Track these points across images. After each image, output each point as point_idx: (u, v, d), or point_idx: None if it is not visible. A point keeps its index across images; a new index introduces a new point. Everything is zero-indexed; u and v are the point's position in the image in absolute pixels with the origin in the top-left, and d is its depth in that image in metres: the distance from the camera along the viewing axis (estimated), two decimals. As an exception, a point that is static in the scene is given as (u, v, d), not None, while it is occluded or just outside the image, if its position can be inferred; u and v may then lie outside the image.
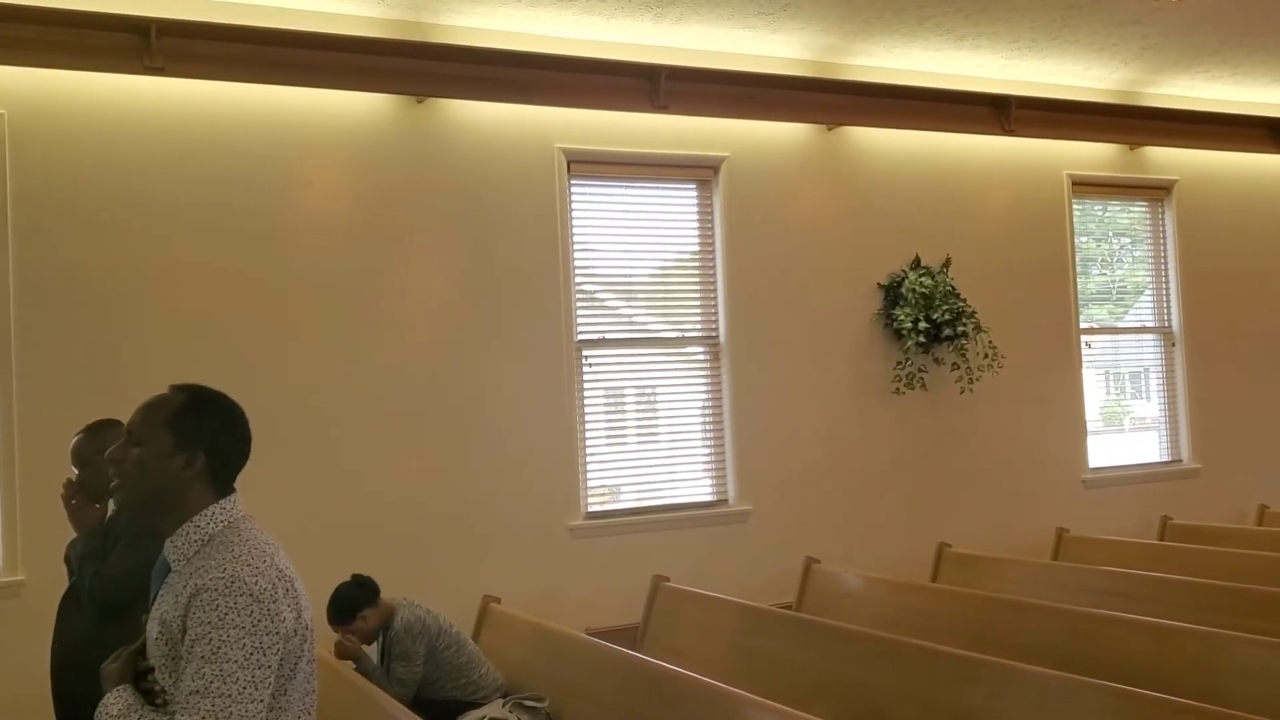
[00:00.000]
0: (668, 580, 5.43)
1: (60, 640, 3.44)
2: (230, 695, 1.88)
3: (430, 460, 5.53)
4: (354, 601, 4.46)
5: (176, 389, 2.16)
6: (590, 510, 5.98)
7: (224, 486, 2.14)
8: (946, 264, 6.86)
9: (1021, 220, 7.21)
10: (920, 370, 6.67)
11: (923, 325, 6.55)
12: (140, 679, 2.04)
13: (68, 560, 3.53)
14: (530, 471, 5.76)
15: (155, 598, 2.11)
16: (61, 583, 3.54)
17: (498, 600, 5.19)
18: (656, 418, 6.34)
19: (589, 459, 6.02)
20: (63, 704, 3.38)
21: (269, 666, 1.95)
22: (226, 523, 2.10)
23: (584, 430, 6.00)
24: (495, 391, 5.71)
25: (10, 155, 4.79)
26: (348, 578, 4.53)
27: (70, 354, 4.85)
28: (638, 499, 6.18)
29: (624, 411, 6.32)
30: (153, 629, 2.03)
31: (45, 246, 4.84)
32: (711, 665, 4.51)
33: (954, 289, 6.75)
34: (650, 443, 6.28)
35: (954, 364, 6.74)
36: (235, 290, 5.18)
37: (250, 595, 1.95)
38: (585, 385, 6.04)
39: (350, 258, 5.43)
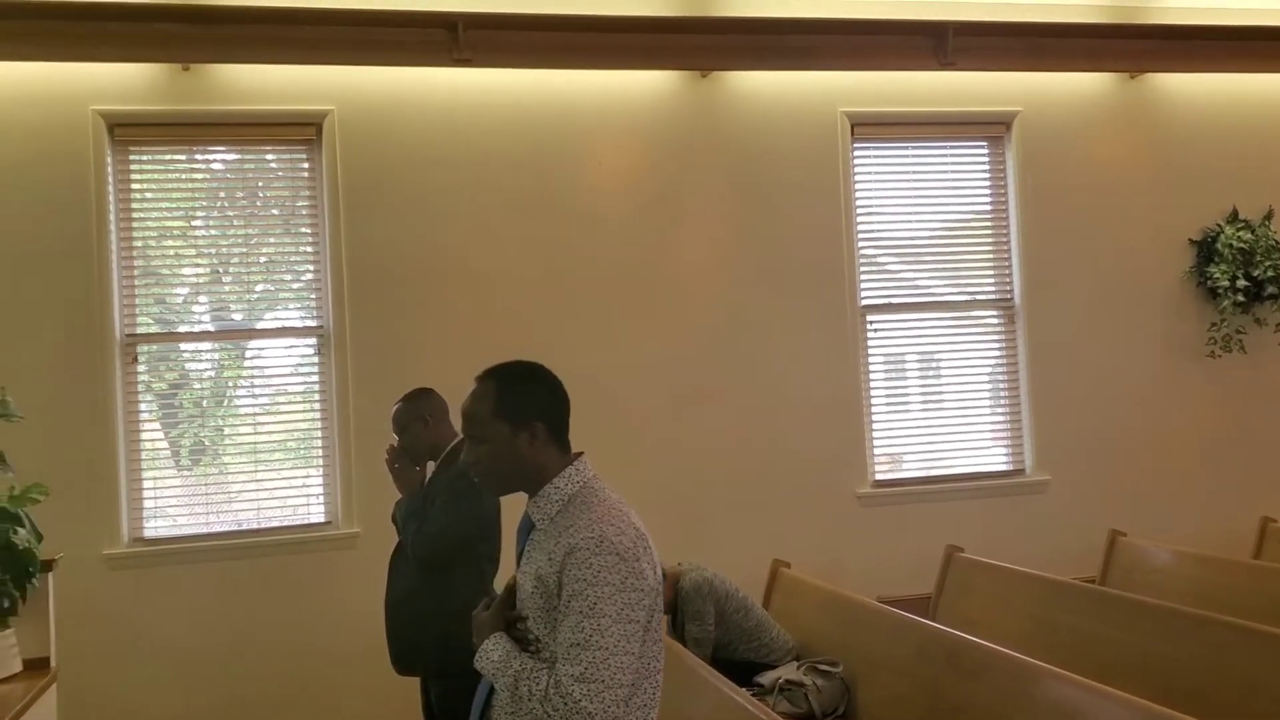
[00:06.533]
0: (961, 551, 5.33)
1: (392, 592, 3.75)
2: (608, 648, 2.04)
3: (715, 426, 5.66)
4: None
5: (484, 379, 2.32)
6: (878, 478, 5.95)
7: (565, 441, 2.30)
8: (1268, 216, 6.32)
9: (1357, 165, 6.52)
10: (1238, 331, 6.20)
11: (1241, 283, 6.10)
12: (509, 626, 2.21)
13: (394, 519, 3.84)
14: (815, 438, 5.79)
15: (521, 553, 2.30)
16: (390, 537, 3.89)
17: (787, 565, 5.26)
18: (942, 384, 6.20)
19: (874, 426, 5.98)
20: (397, 649, 3.70)
21: (638, 621, 2.09)
22: (582, 483, 2.26)
23: (869, 397, 5.96)
24: (779, 358, 5.76)
25: (341, 147, 5.26)
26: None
27: (394, 326, 5.29)
28: (925, 468, 6.08)
29: (908, 378, 6.22)
30: (527, 583, 2.20)
31: (371, 228, 5.29)
32: (1008, 638, 4.39)
33: (1278, 243, 6.22)
34: (936, 409, 6.16)
35: (1278, 325, 6.21)
36: (535, 264, 5.47)
37: (617, 554, 2.09)
38: (869, 351, 5.99)
39: (638, 230, 5.61)
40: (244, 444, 5.32)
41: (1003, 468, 6.14)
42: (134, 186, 5.18)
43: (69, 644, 3.96)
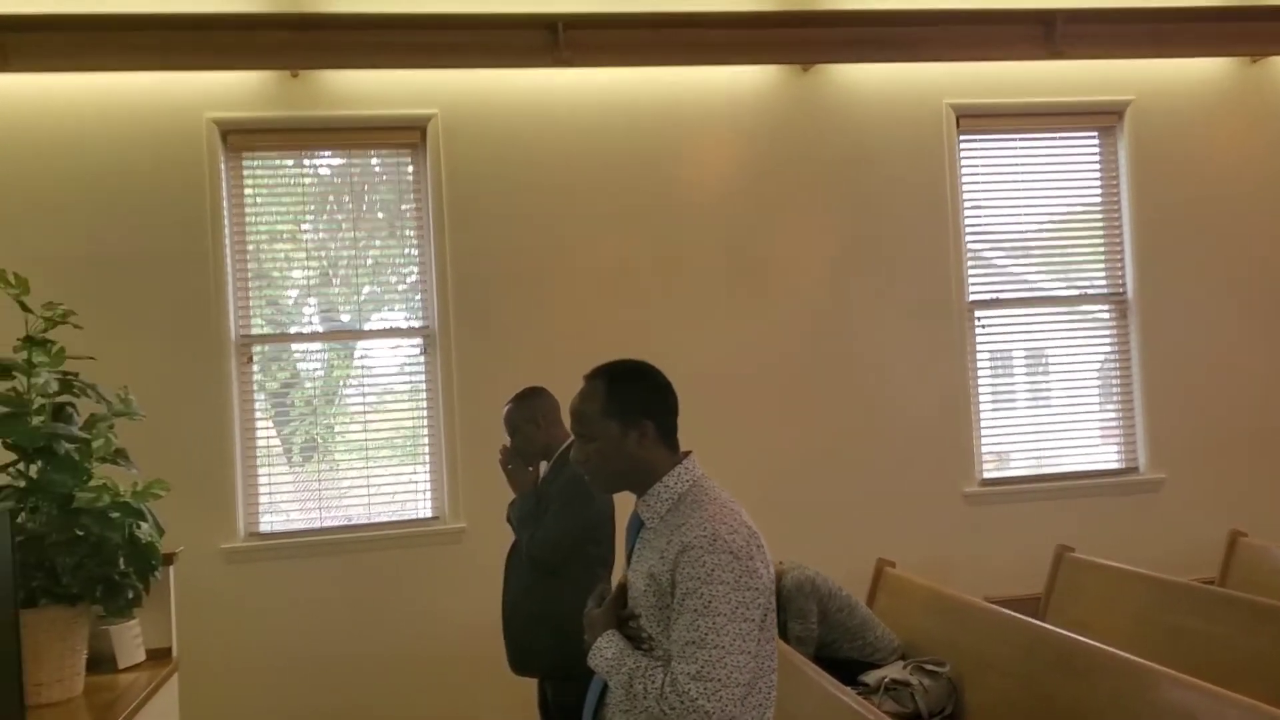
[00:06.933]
0: (1072, 550, 5.20)
1: (508, 593, 3.77)
2: (723, 646, 2.03)
3: (819, 423, 5.61)
4: None
5: (593, 378, 2.32)
6: (985, 477, 5.83)
7: (673, 440, 2.31)
8: (1400, 203, 6.04)
9: None
10: (1367, 325, 5.93)
11: (1372, 274, 5.83)
12: (621, 625, 2.23)
13: (509, 520, 3.86)
14: (921, 436, 5.70)
15: (631, 551, 2.31)
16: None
17: (892, 564, 5.19)
18: (1051, 380, 6.05)
19: (982, 423, 5.86)
20: (514, 649, 3.73)
21: (752, 620, 2.08)
22: (691, 482, 2.26)
23: (977, 394, 5.85)
24: (885, 355, 5.69)
25: (444, 150, 5.34)
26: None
27: (497, 325, 5.36)
28: (1033, 466, 5.94)
29: (1016, 374, 6.09)
30: (638, 581, 2.21)
31: (474, 229, 5.37)
32: (1120, 639, 4.26)
33: None
34: (1044, 406, 6.01)
35: None
36: (637, 262, 5.49)
37: (730, 552, 2.08)
38: (977, 347, 5.87)
39: (740, 227, 5.59)
40: (353, 441, 5.44)
41: (1114, 466, 5.96)
42: (246, 191, 5.33)
43: (188, 634, 4.09)
